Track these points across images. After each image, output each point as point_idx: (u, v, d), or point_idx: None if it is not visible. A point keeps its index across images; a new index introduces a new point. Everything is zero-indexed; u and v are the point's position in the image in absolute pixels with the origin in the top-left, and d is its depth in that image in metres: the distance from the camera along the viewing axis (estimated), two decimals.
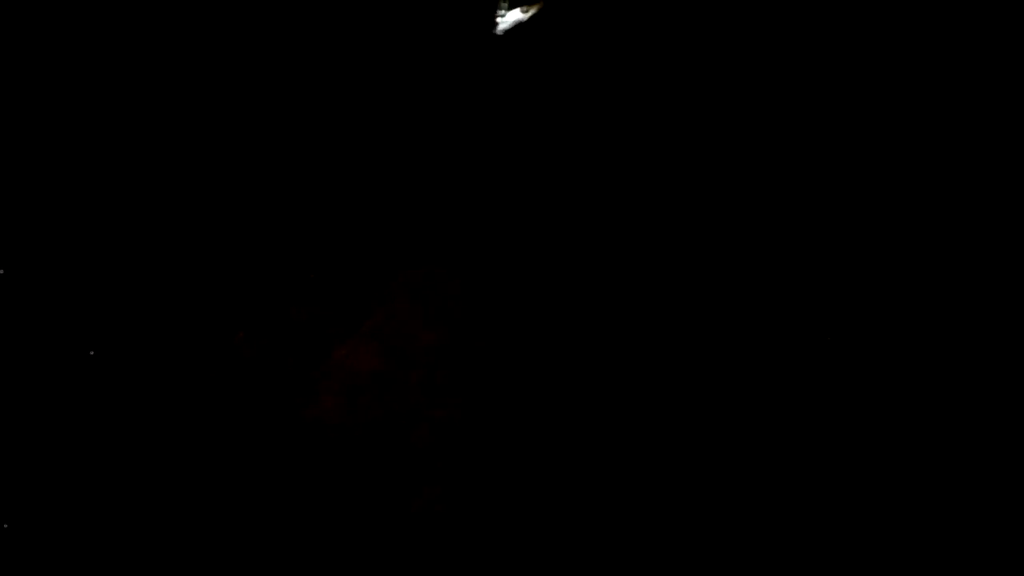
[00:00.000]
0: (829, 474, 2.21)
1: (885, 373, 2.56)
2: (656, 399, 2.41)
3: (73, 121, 3.05)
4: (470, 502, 2.24)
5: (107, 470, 2.49)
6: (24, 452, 2.57)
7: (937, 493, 2.12)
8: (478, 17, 4.70)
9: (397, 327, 2.60)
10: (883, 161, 2.55)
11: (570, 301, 2.72)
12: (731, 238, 2.74)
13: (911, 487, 2.16)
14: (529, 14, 4.58)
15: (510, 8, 4.76)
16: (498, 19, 4.70)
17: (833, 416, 2.46)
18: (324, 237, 3.07)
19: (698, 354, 2.49)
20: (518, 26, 4.60)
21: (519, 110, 4.51)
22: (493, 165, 4.05)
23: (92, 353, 2.60)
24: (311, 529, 2.22)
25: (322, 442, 2.28)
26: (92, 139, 3.07)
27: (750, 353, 2.65)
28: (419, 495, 2.29)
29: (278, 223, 3.13)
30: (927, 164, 2.42)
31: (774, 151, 2.78)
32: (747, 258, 2.70)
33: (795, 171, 2.88)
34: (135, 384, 2.65)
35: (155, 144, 3.20)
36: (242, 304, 2.83)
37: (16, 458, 2.56)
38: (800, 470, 2.25)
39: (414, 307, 2.65)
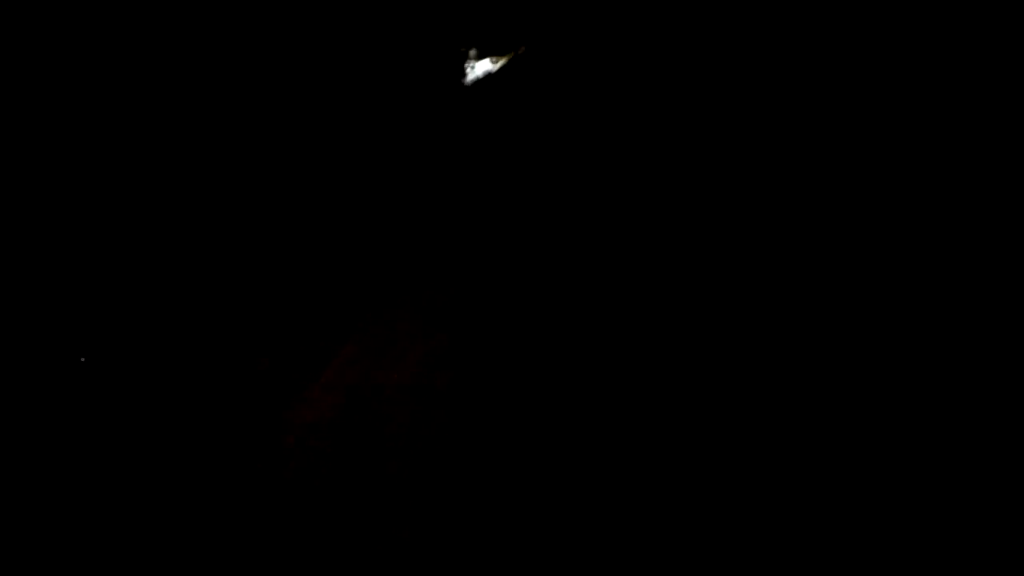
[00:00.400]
0: (824, 474, 2.19)
1: (881, 374, 2.56)
2: (640, 415, 2.37)
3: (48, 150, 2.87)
4: (465, 511, 2.11)
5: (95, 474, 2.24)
6: (19, 454, 2.32)
7: (935, 493, 2.12)
8: (449, 68, 4.83)
9: (392, 337, 2.50)
10: (876, 170, 2.69)
11: (548, 324, 2.70)
12: (689, 262, 2.80)
13: (909, 487, 2.16)
14: (498, 65, 4.75)
15: (479, 59, 4.92)
16: (467, 68, 4.84)
17: (827, 417, 2.44)
18: (320, 259, 2.99)
19: (680, 362, 2.49)
20: (487, 76, 4.74)
21: (489, 150, 4.58)
22: (469, 200, 4.09)
23: (83, 359, 2.40)
24: (306, 532, 2.01)
25: (319, 447, 2.10)
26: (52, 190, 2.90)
27: (737, 369, 2.65)
28: (416, 501, 2.14)
29: (280, 228, 3.03)
30: (923, 167, 2.54)
31: (731, 204, 2.91)
32: (704, 288, 2.76)
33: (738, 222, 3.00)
34: (126, 391, 2.44)
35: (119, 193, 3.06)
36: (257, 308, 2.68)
37: (11, 461, 2.29)
38: (793, 470, 2.20)
39: (413, 319, 2.58)
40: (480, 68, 4.99)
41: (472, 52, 4.98)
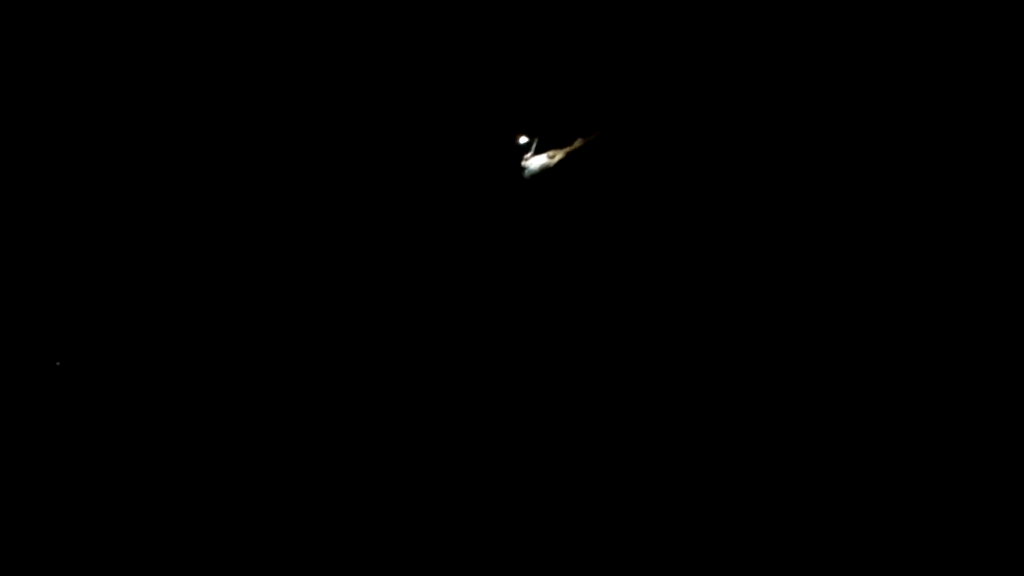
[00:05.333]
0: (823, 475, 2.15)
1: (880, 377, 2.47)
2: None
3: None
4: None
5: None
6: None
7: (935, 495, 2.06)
8: (507, 162, 4.85)
9: None
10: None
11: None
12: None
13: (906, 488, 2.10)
14: (556, 159, 4.71)
15: (536, 154, 4.89)
16: (525, 163, 4.82)
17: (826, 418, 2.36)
18: None
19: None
20: (544, 170, 4.71)
21: (543, 244, 4.53)
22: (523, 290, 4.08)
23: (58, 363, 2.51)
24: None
25: None
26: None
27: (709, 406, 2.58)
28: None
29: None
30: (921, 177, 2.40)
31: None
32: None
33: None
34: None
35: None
36: None
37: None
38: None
39: None
40: (536, 162, 4.96)
41: (530, 145, 4.97)
